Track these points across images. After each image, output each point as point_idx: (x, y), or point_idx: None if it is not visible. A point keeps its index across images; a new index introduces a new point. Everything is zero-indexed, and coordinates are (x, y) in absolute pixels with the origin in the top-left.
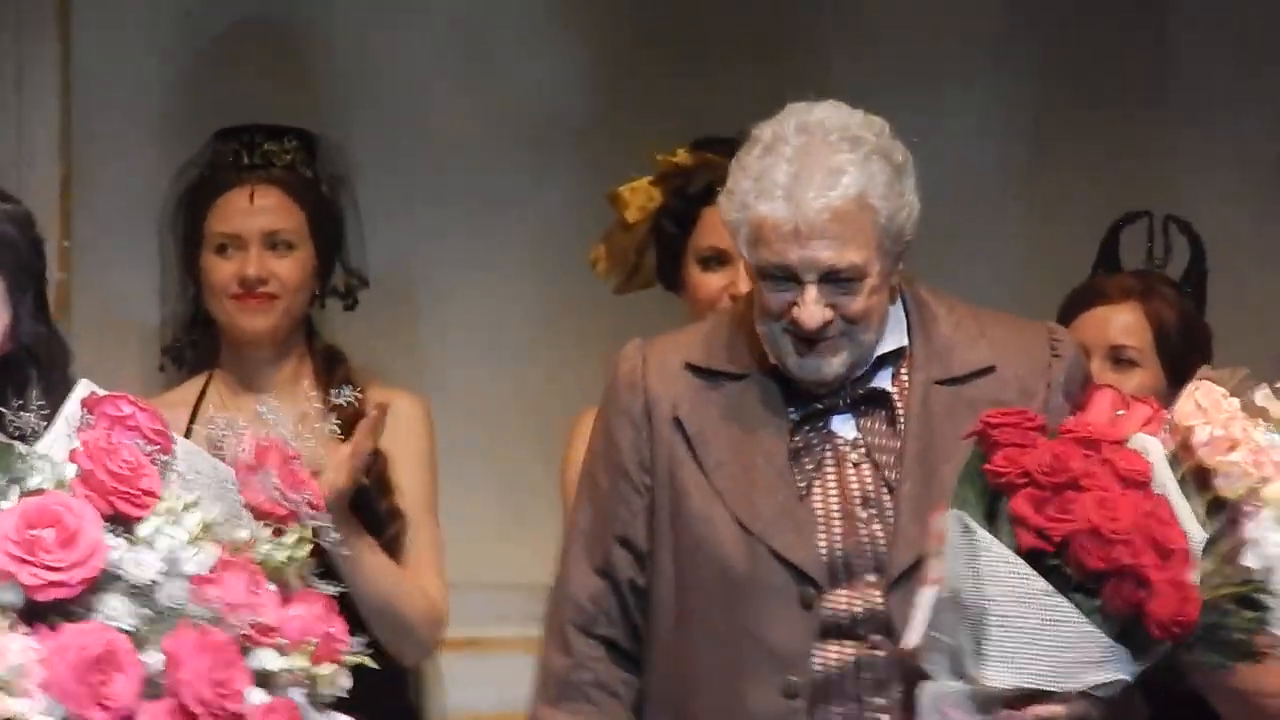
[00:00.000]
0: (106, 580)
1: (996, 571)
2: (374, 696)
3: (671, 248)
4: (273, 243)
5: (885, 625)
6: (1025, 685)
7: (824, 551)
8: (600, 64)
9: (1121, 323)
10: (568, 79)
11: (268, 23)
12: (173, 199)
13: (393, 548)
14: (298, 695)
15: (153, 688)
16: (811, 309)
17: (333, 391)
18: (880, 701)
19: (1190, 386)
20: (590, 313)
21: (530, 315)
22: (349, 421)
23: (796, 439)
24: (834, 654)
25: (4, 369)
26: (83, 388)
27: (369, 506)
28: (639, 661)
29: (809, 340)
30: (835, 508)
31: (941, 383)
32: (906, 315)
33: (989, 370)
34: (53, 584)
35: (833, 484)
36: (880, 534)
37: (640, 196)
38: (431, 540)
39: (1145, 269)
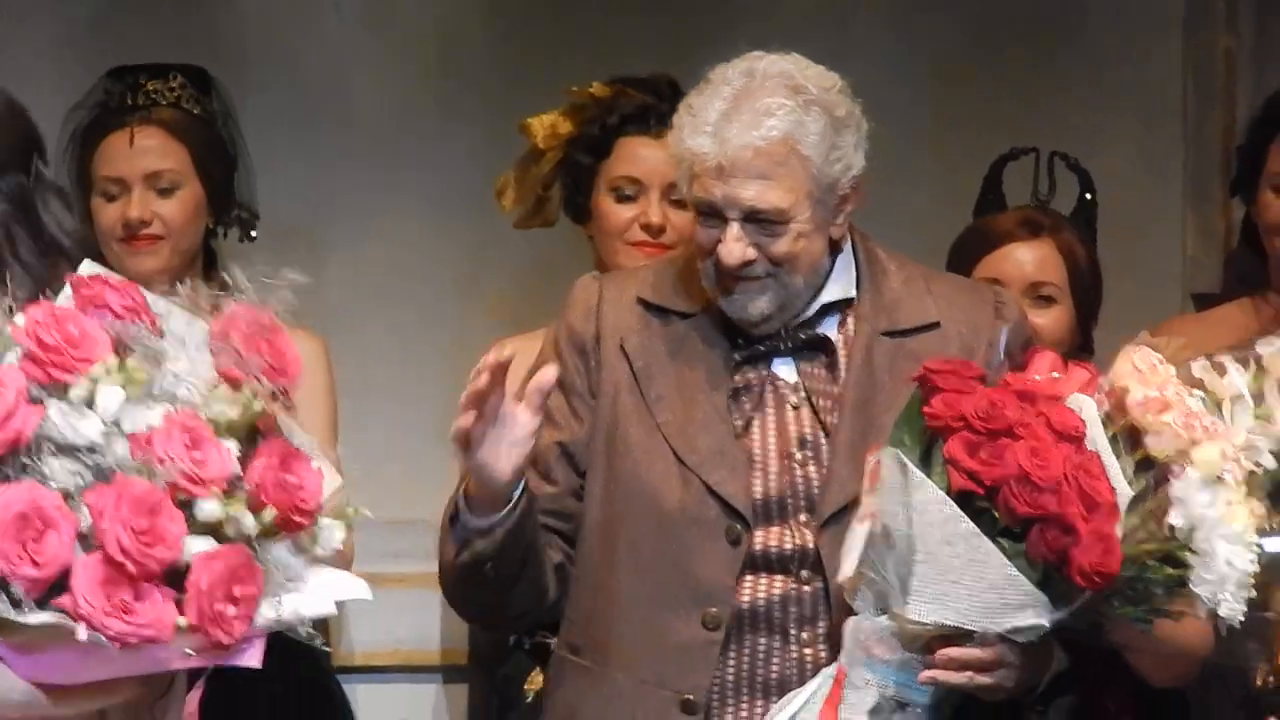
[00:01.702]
0: (40, 443)
1: (927, 510)
2: (274, 635)
3: (582, 178)
4: (156, 184)
5: (815, 563)
6: (946, 621)
7: (759, 489)
8: (504, 6)
9: (1038, 259)
10: (471, 22)
11: None
12: (63, 143)
13: None
14: (282, 550)
15: (87, 542)
16: (731, 246)
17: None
18: (806, 635)
19: (1128, 349)
20: (492, 255)
21: (432, 256)
22: None
23: (738, 378)
24: (762, 587)
25: None
26: (86, 267)
27: None
28: (565, 553)
29: (732, 277)
30: (773, 447)
31: (887, 334)
32: (857, 266)
33: (934, 326)
34: None
35: (771, 424)
36: (814, 475)
37: (550, 125)
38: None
39: (1033, 205)
